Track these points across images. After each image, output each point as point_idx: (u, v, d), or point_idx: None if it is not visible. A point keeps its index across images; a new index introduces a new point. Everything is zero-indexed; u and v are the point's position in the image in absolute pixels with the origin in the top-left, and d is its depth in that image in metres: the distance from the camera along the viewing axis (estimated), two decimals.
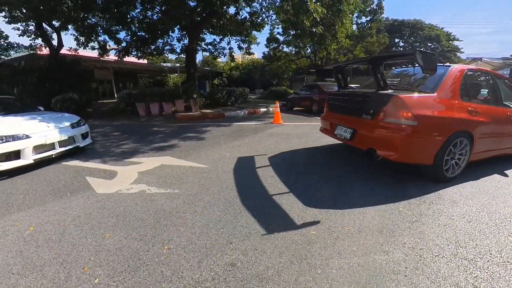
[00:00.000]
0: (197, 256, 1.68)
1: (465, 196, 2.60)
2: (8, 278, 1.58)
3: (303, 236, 1.89)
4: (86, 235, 2.01)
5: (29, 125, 3.87)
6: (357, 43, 17.92)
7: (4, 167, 3.37)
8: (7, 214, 2.39)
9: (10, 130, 3.55)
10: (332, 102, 3.90)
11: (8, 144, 3.43)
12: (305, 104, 10.84)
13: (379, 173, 3.20)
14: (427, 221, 2.13)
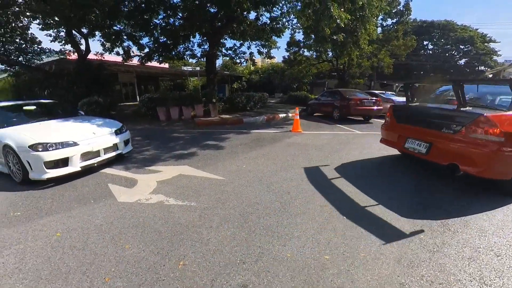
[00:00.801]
0: (211, 275, 1.76)
1: (495, 224, 2.42)
2: (38, 282, 1.76)
3: (315, 260, 1.90)
4: (108, 244, 2.18)
5: (76, 131, 4.00)
6: (382, 46, 17.37)
7: (53, 174, 3.46)
8: (37, 219, 2.65)
9: (60, 137, 3.66)
10: (400, 114, 4.00)
11: (58, 152, 3.51)
12: (326, 110, 10.75)
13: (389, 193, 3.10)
14: (449, 252, 2.01)
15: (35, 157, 3.36)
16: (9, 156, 3.62)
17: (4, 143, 3.59)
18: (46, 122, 4.38)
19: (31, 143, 3.41)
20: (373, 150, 5.12)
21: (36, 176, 3.42)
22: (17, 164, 3.52)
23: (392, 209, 2.68)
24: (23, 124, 4.12)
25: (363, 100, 9.35)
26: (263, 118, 10.20)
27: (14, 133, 3.68)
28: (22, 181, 3.52)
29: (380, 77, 23.33)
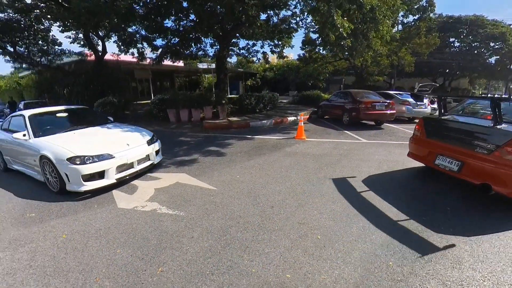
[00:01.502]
0: (182, 282, 2.12)
1: (475, 255, 2.43)
2: (43, 278, 2.21)
3: (277, 278, 2.19)
4: (103, 248, 2.61)
5: (111, 143, 4.14)
6: (402, 44, 16.83)
7: (90, 186, 3.62)
8: (48, 220, 3.16)
9: (96, 149, 3.81)
10: (431, 129, 4.00)
11: (95, 165, 3.66)
12: (336, 113, 10.64)
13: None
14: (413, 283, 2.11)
15: (73, 170, 3.55)
16: (46, 167, 3.87)
17: (42, 154, 3.82)
18: (79, 131, 4.61)
19: (69, 156, 3.60)
20: (371, 163, 5.22)
21: (73, 188, 3.65)
22: (54, 175, 3.77)
23: (384, 229, 2.89)
24: (58, 133, 4.40)
25: (374, 103, 9.14)
26: (270, 121, 10.45)
27: (51, 144, 3.88)
28: (59, 191, 3.79)
29: (400, 75, 22.60)
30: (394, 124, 10.13)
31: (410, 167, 4.93)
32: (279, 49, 14.26)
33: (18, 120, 4.77)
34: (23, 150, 4.34)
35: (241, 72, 25.66)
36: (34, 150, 4.01)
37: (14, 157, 4.78)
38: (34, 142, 4.13)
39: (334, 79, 25.17)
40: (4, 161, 5.14)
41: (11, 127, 4.91)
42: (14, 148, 4.59)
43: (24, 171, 4.60)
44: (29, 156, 4.20)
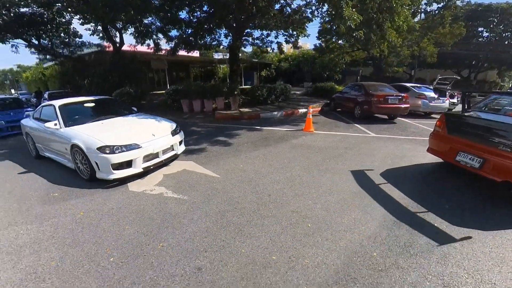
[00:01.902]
0: (178, 256, 2.40)
1: (463, 253, 2.47)
2: (63, 247, 2.58)
3: (263, 259, 2.41)
4: (114, 224, 2.95)
5: (138, 133, 4.30)
6: (425, 34, 15.94)
7: (118, 175, 3.82)
8: (69, 199, 3.57)
9: (125, 139, 3.98)
10: (453, 125, 4.04)
11: (124, 154, 3.83)
12: (348, 106, 10.48)
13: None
14: (393, 273, 2.24)
15: (103, 159, 3.74)
16: (77, 155, 4.09)
17: (73, 143, 4.03)
18: (106, 121, 4.82)
19: (99, 145, 3.77)
20: (375, 157, 5.25)
21: (103, 176, 3.86)
22: (85, 163, 3.99)
23: (374, 222, 3.02)
24: (86, 122, 4.64)
25: (387, 96, 8.90)
26: (281, 113, 10.54)
27: (82, 134, 4.08)
28: (89, 179, 4.04)
29: (422, 66, 21.53)
30: (408, 119, 9.89)
31: (417, 163, 4.92)
32: (294, 39, 14.08)
33: (48, 110, 5.02)
34: (54, 139, 4.58)
35: (256, 62, 25.61)
36: (66, 139, 4.21)
37: (45, 145, 5.05)
38: (65, 131, 4.34)
39: (351, 70, 24.43)
40: (36, 149, 5.45)
41: (42, 116, 5.19)
42: (46, 136, 4.83)
43: (55, 159, 4.88)
44: (60, 144, 4.42)
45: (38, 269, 2.30)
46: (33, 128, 5.30)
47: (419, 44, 16.35)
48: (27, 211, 3.34)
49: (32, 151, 5.68)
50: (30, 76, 30.09)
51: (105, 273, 2.22)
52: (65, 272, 2.25)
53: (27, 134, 5.66)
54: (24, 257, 2.46)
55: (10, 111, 9.17)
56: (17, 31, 12.08)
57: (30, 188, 4.09)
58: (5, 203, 3.61)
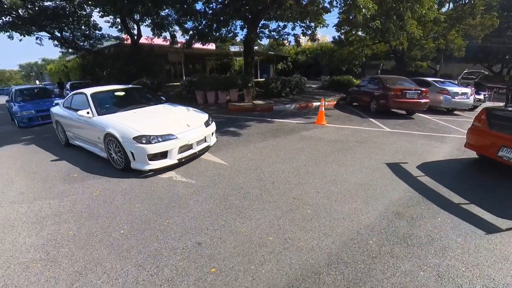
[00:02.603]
0: (181, 232, 2.62)
1: (465, 248, 2.46)
2: (80, 219, 2.88)
3: (260, 239, 2.55)
4: (126, 202, 3.22)
5: (173, 123, 4.25)
6: (452, 26, 15.02)
7: (154, 166, 3.80)
8: (87, 180, 3.91)
9: (161, 129, 3.95)
10: (495, 120, 4.06)
11: (160, 145, 3.78)
12: (365, 100, 10.28)
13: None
14: (387, 261, 2.39)
15: (139, 148, 3.71)
16: (111, 144, 4.08)
17: (107, 132, 4.01)
18: (139, 110, 4.82)
19: (135, 135, 3.74)
20: (385, 152, 5.21)
21: (138, 166, 3.84)
22: (119, 153, 3.98)
23: (374, 212, 3.09)
24: (119, 111, 4.62)
25: (405, 90, 8.62)
26: (294, 106, 10.55)
27: (116, 123, 4.06)
28: (124, 169, 4.02)
29: (448, 60, 20.39)
30: (428, 115, 9.56)
31: (430, 161, 4.81)
32: (311, 30, 13.87)
33: (79, 98, 5.07)
34: (86, 127, 4.61)
35: (272, 55, 25.46)
36: (99, 128, 4.21)
37: (76, 133, 5.11)
38: (98, 120, 4.35)
39: (371, 64, 23.62)
40: (66, 137, 5.55)
41: (73, 105, 5.24)
42: (78, 125, 4.88)
43: (86, 147, 4.93)
44: (93, 133, 4.44)
45: (58, 237, 2.61)
46: (64, 117, 5.38)
47: (446, 37, 15.49)
48: (50, 189, 3.70)
49: (61, 139, 5.80)
50: (53, 68, 31.95)
51: (115, 242, 2.48)
52: (81, 240, 2.53)
53: (56, 122, 5.78)
54: (46, 227, 2.78)
55: (39, 100, 9.19)
56: (41, 24, 12.89)
57: (52, 169, 4.49)
58: (31, 181, 4.01)
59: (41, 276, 2.11)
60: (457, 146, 5.73)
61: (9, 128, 8.70)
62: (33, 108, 8.48)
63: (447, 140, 6.22)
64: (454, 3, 16.19)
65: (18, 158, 5.21)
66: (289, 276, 2.09)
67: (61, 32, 13.80)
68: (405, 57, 17.84)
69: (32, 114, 8.37)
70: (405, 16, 7.71)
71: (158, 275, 2.09)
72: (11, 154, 5.49)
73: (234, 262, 2.22)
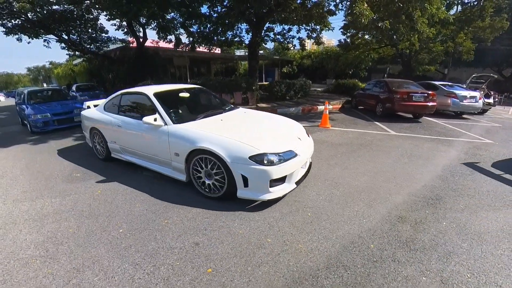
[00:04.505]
0: (180, 231, 2.64)
1: (471, 254, 2.54)
2: (80, 217, 2.93)
3: (258, 240, 2.55)
4: (126, 202, 3.27)
5: (282, 136, 3.41)
6: (461, 28, 14.88)
7: (275, 194, 2.94)
8: (89, 180, 3.96)
9: (279, 145, 3.04)
10: None
11: (286, 165, 2.90)
12: (370, 103, 10.24)
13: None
14: (389, 265, 2.40)
15: (259, 172, 2.78)
16: (202, 165, 3.13)
17: (199, 147, 3.03)
18: (223, 116, 3.88)
19: (254, 153, 2.80)
20: (390, 155, 5.17)
21: (249, 195, 2.94)
22: (217, 176, 3.05)
23: (377, 215, 3.06)
24: (199, 118, 3.67)
25: (411, 93, 8.58)
26: (298, 109, 10.56)
27: (214, 135, 3.07)
28: (221, 197, 3.13)
29: (457, 64, 20.19)
30: (435, 118, 9.47)
31: (433, 165, 4.78)
32: (316, 33, 13.95)
33: (133, 99, 4.21)
34: (152, 139, 3.60)
35: (277, 59, 25.60)
36: (181, 142, 3.25)
37: (130, 146, 4.06)
38: (175, 130, 3.36)
39: (378, 68, 23.60)
40: (108, 149, 4.51)
41: (121, 108, 4.27)
42: (136, 135, 3.88)
43: (144, 165, 3.95)
44: (164, 147, 3.44)
45: (58, 234, 2.65)
46: (107, 123, 4.33)
47: (455, 39, 15.36)
48: (52, 188, 3.78)
49: (99, 152, 4.80)
50: (60, 72, 32.78)
51: (114, 241, 2.51)
52: (80, 238, 2.57)
53: (92, 129, 4.71)
54: (47, 224, 2.84)
55: (55, 103, 8.40)
56: (49, 27, 13.30)
57: (59, 170, 4.57)
58: (35, 180, 4.11)
59: (40, 272, 2.15)
60: (464, 150, 5.67)
61: (15, 129, 8.90)
62: (48, 111, 7.66)
63: (454, 144, 6.16)
64: (462, 5, 16.07)
65: (23, 157, 5.33)
66: (286, 278, 2.08)
67: (69, 35, 14.20)
68: (412, 61, 17.75)
69: (48, 118, 7.56)
70: (414, 15, 7.63)
71: (154, 274, 2.10)
72: (16, 154, 5.63)
73: (230, 263, 2.22)
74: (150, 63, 13.56)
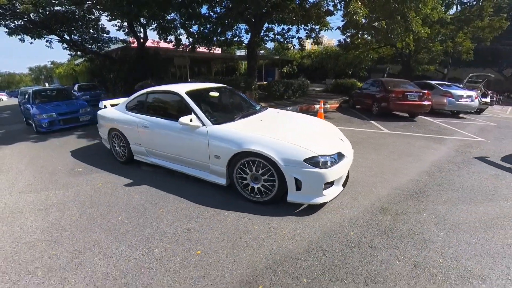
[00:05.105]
0: (173, 219, 2.87)
1: (446, 241, 2.68)
2: (82, 207, 3.18)
3: (245, 227, 2.77)
4: (125, 194, 3.51)
5: (328, 137, 3.42)
6: (459, 28, 15.02)
7: (328, 197, 2.92)
8: (90, 173, 4.23)
9: (328, 147, 3.03)
10: None
11: (337, 167, 2.91)
12: (367, 102, 10.45)
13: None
14: (365, 251, 2.62)
15: (314, 174, 2.77)
16: (251, 168, 3.02)
17: (246, 150, 2.93)
18: (258, 116, 3.80)
19: (309, 155, 2.78)
20: (380, 151, 5.37)
21: (301, 199, 2.92)
22: (268, 180, 3.00)
23: (360, 207, 3.28)
24: (237, 119, 3.59)
25: (406, 93, 8.77)
26: (296, 108, 10.76)
27: (263, 137, 2.99)
28: (271, 200, 3.06)
29: (457, 64, 20.29)
30: (431, 117, 9.64)
31: (422, 162, 4.96)
32: (315, 33, 14.13)
33: (162, 98, 4.12)
34: (188, 141, 3.46)
35: (277, 59, 25.83)
36: (223, 144, 3.13)
37: (159, 148, 3.92)
38: (217, 131, 3.25)
39: (377, 68, 23.74)
40: (130, 151, 4.34)
41: (147, 108, 4.12)
42: (167, 135, 3.73)
43: (175, 168, 3.83)
44: (203, 149, 3.32)
45: (61, 221, 2.90)
46: (131, 123, 4.14)
47: (454, 39, 15.50)
48: (56, 181, 4.04)
49: (119, 154, 4.60)
50: (62, 71, 33.25)
51: (113, 227, 2.75)
52: (82, 225, 2.81)
53: (112, 130, 4.52)
54: (51, 213, 3.08)
55: (60, 102, 8.47)
56: (52, 27, 13.62)
57: (58, 163, 4.82)
58: (39, 174, 4.37)
59: (45, 254, 2.38)
60: (455, 147, 5.84)
61: (19, 127, 9.19)
62: (54, 111, 7.71)
63: (446, 142, 6.33)
64: (461, 5, 16.20)
65: (27, 154, 5.60)
66: (268, 260, 2.30)
67: (70, 35, 14.53)
68: (411, 61, 17.90)
69: (53, 118, 7.60)
70: (409, 16, 7.83)
71: (148, 254, 2.33)
72: (21, 151, 5.89)
73: (218, 246, 2.44)
74: (151, 63, 13.84)
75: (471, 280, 2.13)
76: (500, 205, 3.30)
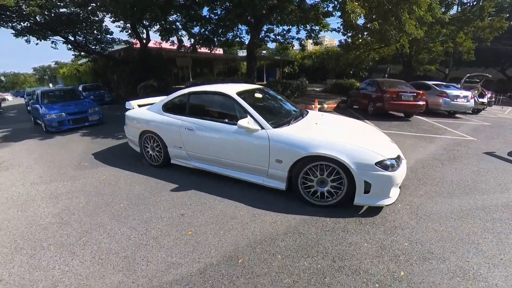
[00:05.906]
0: (169, 206, 3.26)
1: (415, 229, 3.04)
2: (88, 196, 3.59)
3: (233, 213, 3.14)
4: (127, 185, 3.91)
5: (380, 140, 3.50)
6: (460, 28, 15.21)
7: (393, 199, 3.01)
8: (95, 167, 4.63)
9: (389, 150, 3.13)
10: None
11: (402, 170, 3.07)
12: (363, 102, 10.73)
13: None
14: (338, 234, 2.96)
15: (384, 178, 2.86)
16: (318, 172, 3.05)
17: (313, 154, 2.95)
18: (310, 120, 3.81)
19: (379, 159, 2.87)
20: None
21: (369, 202, 3.00)
22: (335, 183, 3.05)
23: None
24: (293, 122, 3.57)
25: (401, 93, 9.03)
26: None
27: (329, 141, 3.02)
28: (336, 204, 3.13)
29: (458, 64, 20.43)
30: (427, 117, 9.90)
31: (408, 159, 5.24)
32: (315, 34, 14.48)
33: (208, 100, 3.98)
34: (245, 145, 3.37)
35: (279, 60, 26.20)
36: (288, 147, 3.11)
37: (209, 152, 3.77)
38: (279, 134, 3.21)
39: (378, 68, 23.95)
40: (167, 154, 4.23)
41: (190, 110, 3.95)
42: (217, 139, 3.60)
43: (224, 173, 3.75)
44: (261, 153, 3.28)
45: (70, 207, 3.30)
46: (172, 125, 3.99)
47: (454, 39, 15.70)
48: (64, 174, 4.45)
49: (153, 158, 4.48)
50: (66, 71, 33.98)
51: (116, 212, 3.15)
52: (88, 210, 3.21)
53: (145, 133, 4.36)
54: (61, 201, 3.49)
55: (69, 102, 8.61)
56: (57, 29, 14.17)
57: (68, 159, 5.25)
58: (48, 168, 4.79)
59: (56, 233, 2.78)
60: (444, 146, 6.09)
61: (26, 126, 9.69)
62: (63, 111, 7.81)
63: (436, 141, 6.58)
64: (461, 5, 16.40)
65: (35, 150, 6.05)
66: (249, 240, 2.66)
67: (75, 37, 15.10)
68: (412, 61, 18.12)
69: (63, 117, 7.70)
70: (402, 17, 8.11)
71: (146, 234, 2.72)
72: (30, 147, 6.35)
73: (207, 228, 2.82)
74: (153, 63, 14.31)
75: (431, 261, 2.41)
76: (475, 198, 3.55)
